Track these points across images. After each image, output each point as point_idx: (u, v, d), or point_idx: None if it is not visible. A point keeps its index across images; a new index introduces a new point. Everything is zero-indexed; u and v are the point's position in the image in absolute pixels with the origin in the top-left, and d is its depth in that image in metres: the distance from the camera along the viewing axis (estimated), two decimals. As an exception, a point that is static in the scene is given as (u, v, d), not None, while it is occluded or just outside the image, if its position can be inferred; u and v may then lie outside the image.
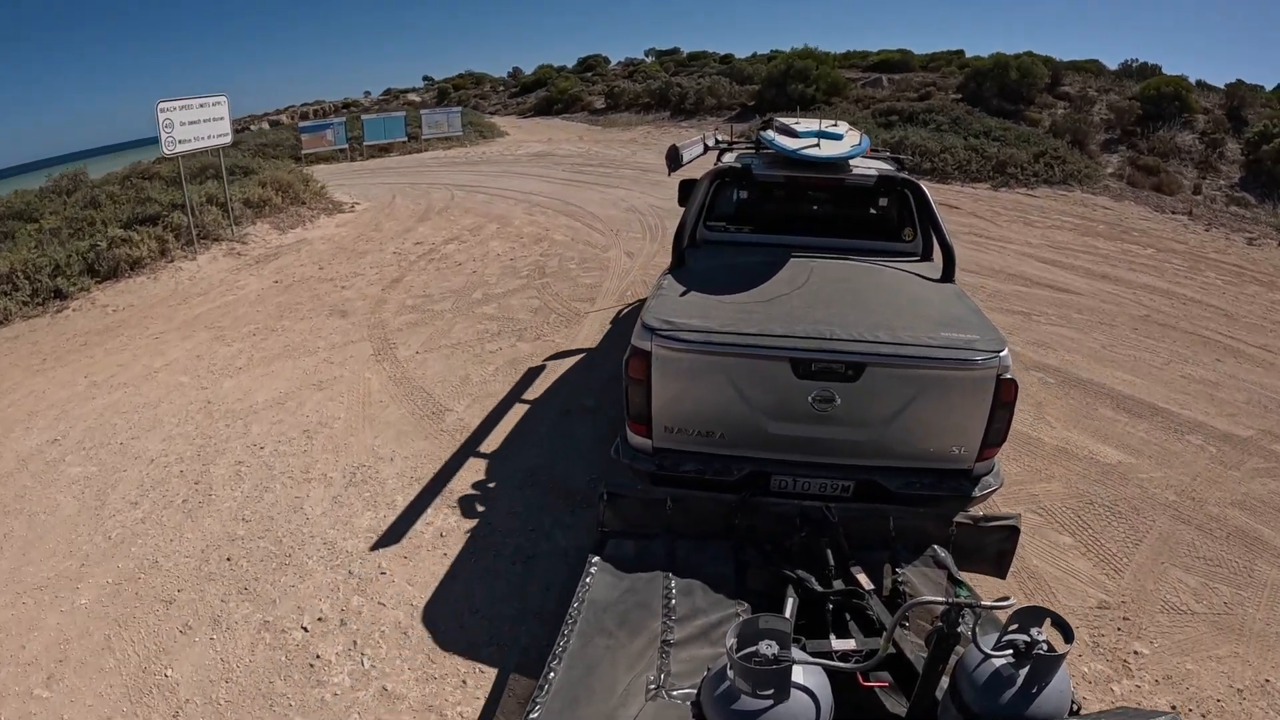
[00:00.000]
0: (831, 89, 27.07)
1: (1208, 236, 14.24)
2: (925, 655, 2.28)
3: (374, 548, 4.63)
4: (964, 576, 3.11)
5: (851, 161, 5.00)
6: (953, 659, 2.23)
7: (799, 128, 5.31)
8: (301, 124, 26.04)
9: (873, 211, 5.23)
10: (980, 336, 3.52)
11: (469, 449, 5.66)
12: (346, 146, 24.68)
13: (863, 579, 2.88)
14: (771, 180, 5.10)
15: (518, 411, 6.20)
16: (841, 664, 2.27)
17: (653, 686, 2.36)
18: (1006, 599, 2.16)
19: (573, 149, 23.79)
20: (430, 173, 20.02)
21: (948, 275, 4.52)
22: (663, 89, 31.50)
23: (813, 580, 2.88)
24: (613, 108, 33.70)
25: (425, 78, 56.82)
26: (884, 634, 2.31)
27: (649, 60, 45.81)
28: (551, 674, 2.43)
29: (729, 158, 5.61)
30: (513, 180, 17.56)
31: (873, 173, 4.97)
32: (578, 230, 12.31)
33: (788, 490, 3.65)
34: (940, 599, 2.23)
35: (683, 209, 5.65)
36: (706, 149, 6.10)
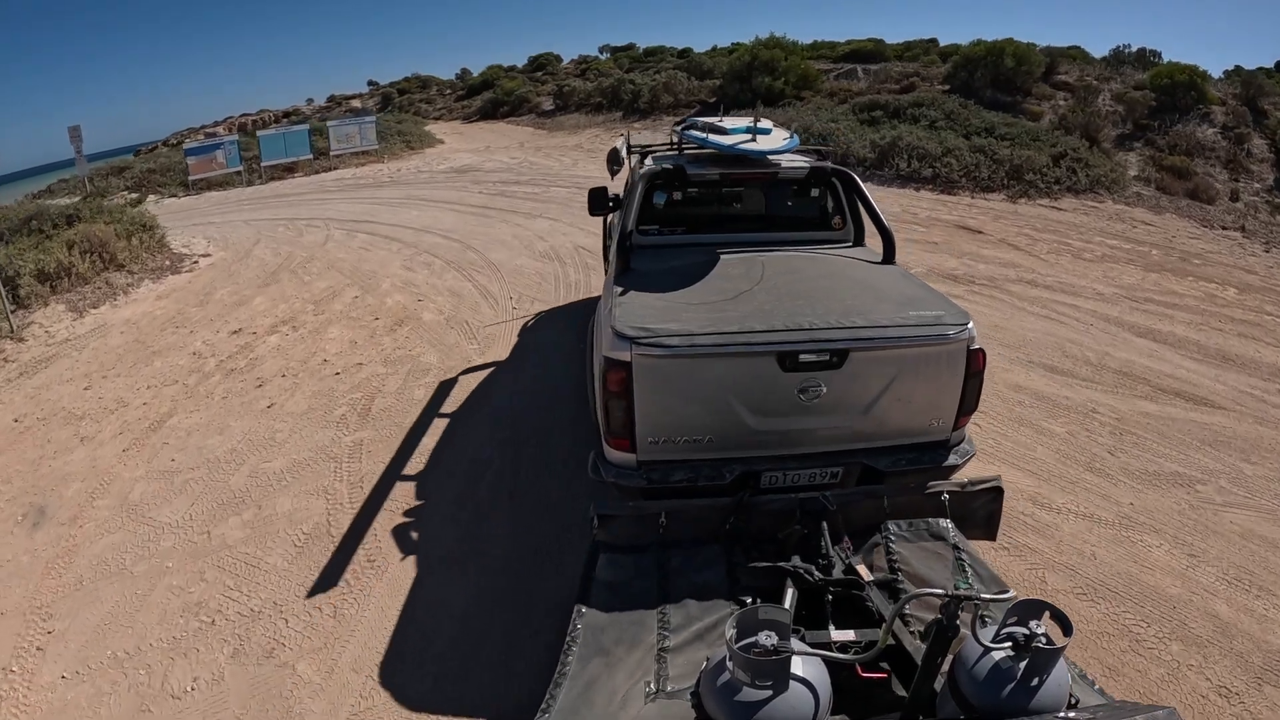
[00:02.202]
0: (802, 82, 23.24)
1: (1273, 261, 11.22)
2: (924, 646, 2.14)
3: None
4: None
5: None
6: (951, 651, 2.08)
7: (728, 125, 4.94)
8: (187, 146, 20.98)
9: (806, 203, 5.08)
10: (945, 312, 3.49)
11: None
12: (241, 169, 20.40)
13: (862, 570, 2.70)
14: (706, 179, 4.81)
15: None
16: (840, 655, 2.12)
17: (651, 690, 2.23)
18: (1006, 591, 2.24)
19: (505, 160, 19.79)
20: (323, 201, 15.98)
21: (888, 258, 4.46)
22: (615, 87, 27.47)
23: (812, 570, 2.65)
24: (562, 109, 29.63)
25: (370, 82, 52.15)
26: (883, 625, 2.22)
27: (603, 57, 41.68)
28: (552, 700, 2.24)
29: (648, 161, 5.30)
30: (413, 210, 13.59)
31: (805, 164, 4.79)
32: (462, 300, 8.43)
33: (779, 485, 3.43)
34: (939, 591, 2.06)
35: (594, 217, 6.47)
36: (629, 151, 6.03)
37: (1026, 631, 1.92)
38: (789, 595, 2.57)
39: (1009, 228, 11.93)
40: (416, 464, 5.14)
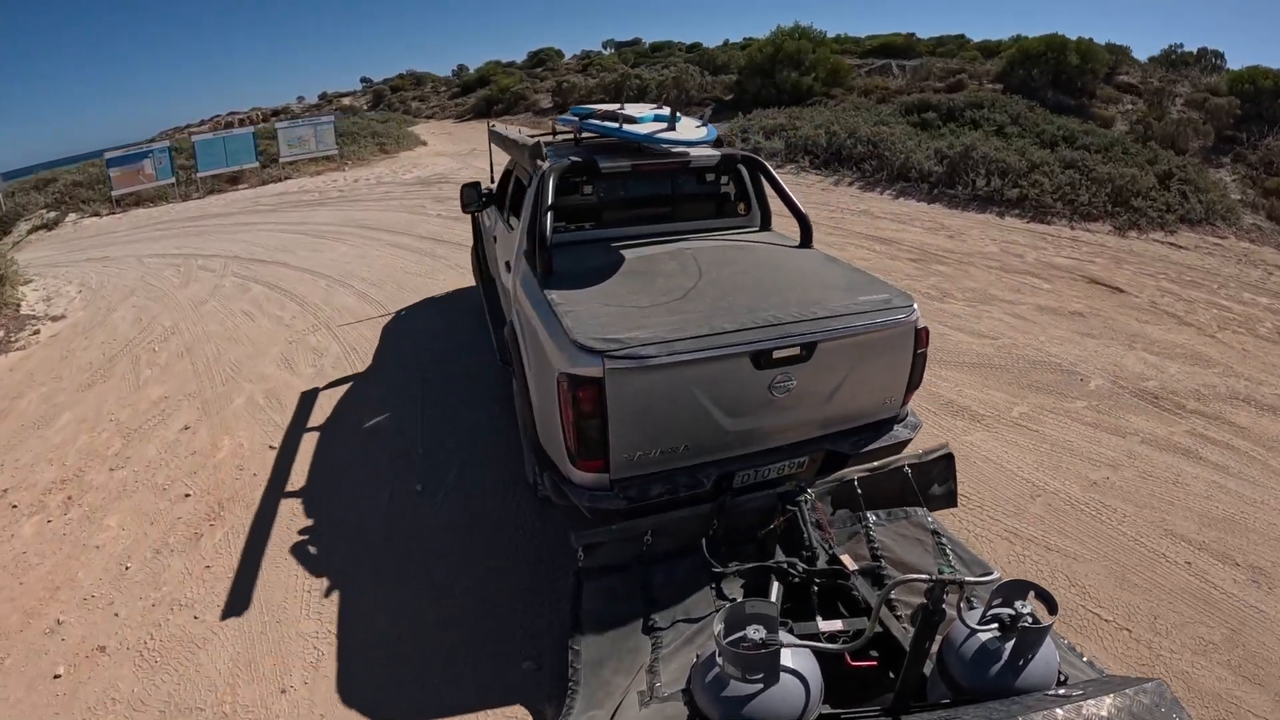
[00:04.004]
0: (831, 78, 19.59)
1: None
2: (912, 633, 2.05)
3: None
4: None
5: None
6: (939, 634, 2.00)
7: (634, 114, 4.42)
8: (110, 156, 16.29)
9: (714, 191, 4.81)
10: (890, 295, 3.41)
11: None
12: (173, 180, 16.75)
13: (846, 560, 2.60)
14: (618, 171, 4.32)
15: None
16: (829, 645, 1.98)
17: (645, 696, 2.13)
18: (990, 573, 2.11)
19: (486, 166, 16.17)
20: (244, 226, 12.44)
21: (806, 241, 4.33)
22: (618, 83, 23.85)
23: (796, 563, 2.56)
24: (560, 107, 26.00)
25: (363, 79, 48.45)
26: (870, 613, 2.12)
27: (607, 53, 37.99)
28: None
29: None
30: (342, 245, 10.05)
31: (715, 152, 4.54)
32: (344, 445, 4.90)
33: (750, 483, 3.22)
34: (924, 576, 1.93)
35: (466, 212, 6.03)
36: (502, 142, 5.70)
37: (1012, 612, 1.87)
38: (774, 589, 2.48)
39: (1144, 280, 8.44)
40: None
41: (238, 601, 3.54)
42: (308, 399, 5.56)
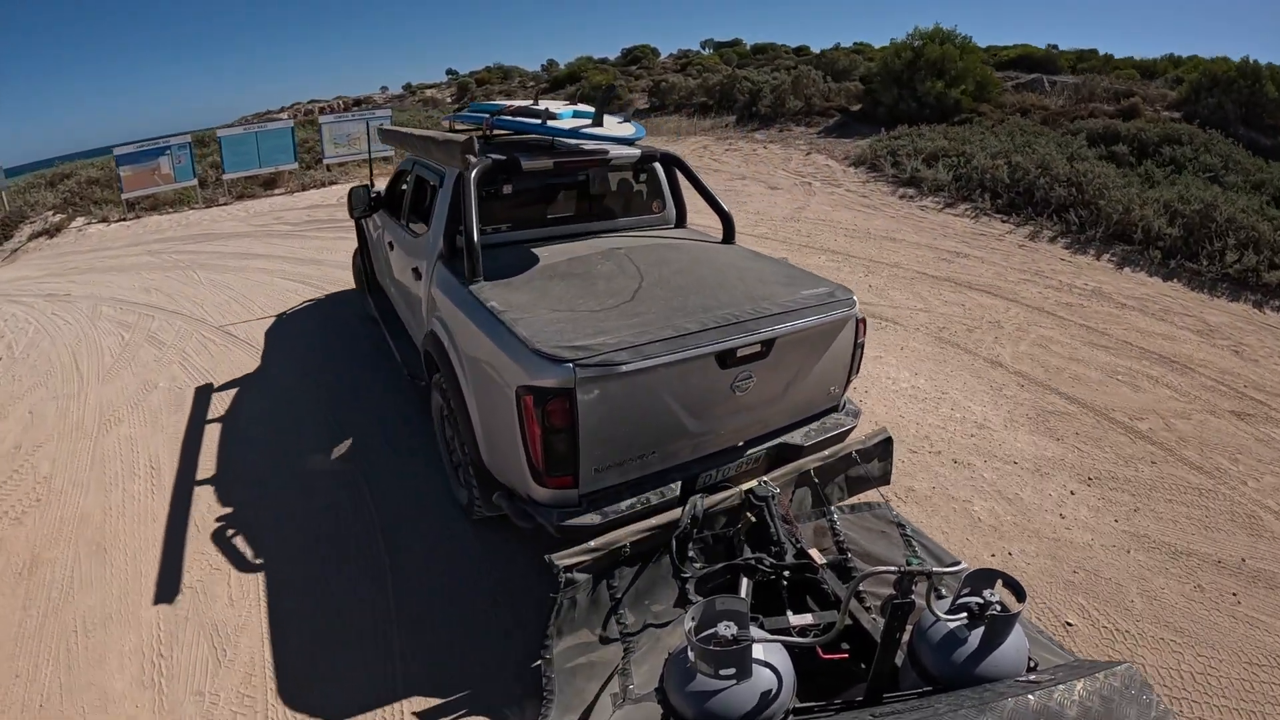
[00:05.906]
0: (979, 91, 16.86)
1: None
2: (882, 624, 2.03)
3: None
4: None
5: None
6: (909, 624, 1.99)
7: (557, 110, 4.23)
8: (119, 152, 13.52)
9: (630, 188, 4.67)
10: (831, 288, 3.42)
11: None
12: (195, 181, 14.27)
13: (814, 554, 2.55)
14: (540, 170, 4.06)
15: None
16: (800, 639, 1.95)
17: (619, 699, 2.10)
18: (958, 563, 2.00)
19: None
20: (245, 257, 9.88)
21: (729, 238, 4.44)
22: (725, 85, 21.44)
23: (764, 559, 2.49)
24: (659, 108, 23.77)
25: (449, 71, 46.79)
26: (840, 606, 2.16)
27: (705, 52, 35.49)
28: None
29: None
30: (333, 301, 7.62)
31: (635, 150, 4.38)
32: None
33: (713, 483, 3.13)
34: (892, 567, 1.88)
35: (353, 218, 5.71)
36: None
37: (981, 600, 1.84)
38: (744, 586, 2.43)
39: None
40: None
41: None
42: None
